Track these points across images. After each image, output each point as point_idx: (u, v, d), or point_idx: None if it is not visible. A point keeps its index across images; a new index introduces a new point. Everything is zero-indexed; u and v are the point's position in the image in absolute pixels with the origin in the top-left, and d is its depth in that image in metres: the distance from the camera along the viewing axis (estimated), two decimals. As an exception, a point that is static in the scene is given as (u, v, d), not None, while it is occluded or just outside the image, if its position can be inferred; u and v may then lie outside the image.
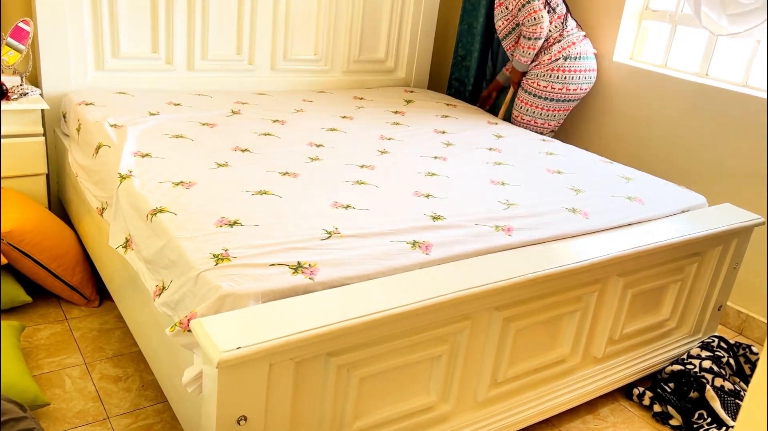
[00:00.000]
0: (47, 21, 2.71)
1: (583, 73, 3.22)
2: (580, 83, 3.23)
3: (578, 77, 3.21)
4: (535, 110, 3.30)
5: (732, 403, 2.19)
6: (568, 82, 3.21)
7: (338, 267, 1.63)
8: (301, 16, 3.36)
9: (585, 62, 3.22)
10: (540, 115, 3.31)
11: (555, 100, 3.25)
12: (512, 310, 1.81)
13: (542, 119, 3.32)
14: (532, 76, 3.28)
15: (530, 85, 3.29)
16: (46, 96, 2.82)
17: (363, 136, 2.70)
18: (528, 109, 3.32)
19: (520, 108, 3.35)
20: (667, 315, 2.36)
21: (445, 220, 1.95)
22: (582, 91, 3.26)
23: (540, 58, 3.25)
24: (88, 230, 2.53)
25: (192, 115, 2.69)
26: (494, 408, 1.94)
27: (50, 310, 2.50)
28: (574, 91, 3.24)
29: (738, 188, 2.85)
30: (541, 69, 3.24)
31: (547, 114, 3.30)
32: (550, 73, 3.21)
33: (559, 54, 3.19)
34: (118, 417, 2.00)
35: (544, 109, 3.28)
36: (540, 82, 3.24)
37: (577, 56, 3.19)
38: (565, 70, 3.19)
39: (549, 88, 3.22)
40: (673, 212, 2.34)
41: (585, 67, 3.22)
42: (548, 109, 3.28)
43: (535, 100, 3.27)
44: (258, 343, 1.32)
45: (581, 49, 3.21)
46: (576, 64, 3.19)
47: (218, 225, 1.75)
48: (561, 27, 3.20)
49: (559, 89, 3.22)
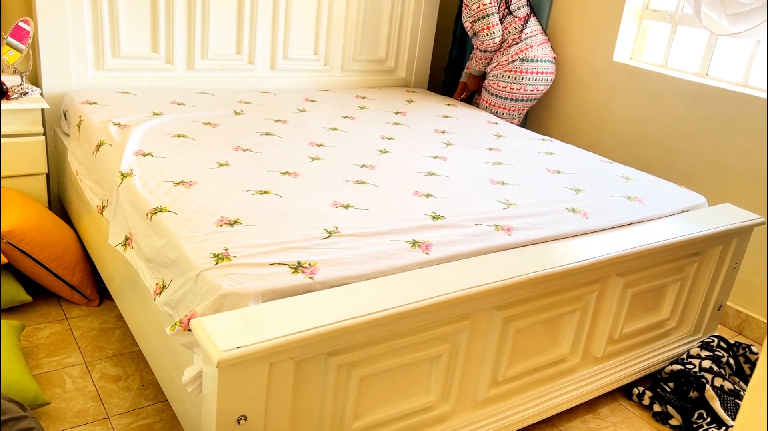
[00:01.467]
0: (47, 20, 2.72)
1: (539, 75, 3.35)
2: (536, 84, 3.36)
3: (534, 78, 3.34)
4: (498, 110, 3.44)
5: (732, 403, 2.20)
6: (525, 83, 3.34)
7: (338, 267, 1.63)
8: (301, 15, 3.36)
9: (541, 65, 3.34)
10: (504, 114, 3.45)
11: (514, 99, 3.39)
12: (512, 310, 1.81)
13: (506, 118, 3.46)
14: (493, 77, 3.42)
15: (491, 86, 3.43)
16: (47, 95, 2.82)
17: (363, 136, 2.71)
18: (492, 109, 3.47)
19: (486, 108, 3.50)
20: (666, 315, 2.36)
21: (445, 220, 1.95)
22: (539, 91, 3.40)
23: (499, 58, 3.38)
24: (88, 230, 2.53)
25: (195, 115, 2.70)
26: (494, 408, 1.94)
27: (50, 310, 2.50)
28: (531, 92, 3.38)
29: (738, 188, 2.85)
30: (500, 70, 3.38)
31: (508, 113, 3.45)
32: (508, 74, 3.34)
33: (516, 56, 3.31)
34: (118, 417, 2.00)
35: (505, 108, 3.42)
36: (499, 82, 3.38)
37: (534, 59, 3.32)
38: (521, 71, 3.32)
39: (508, 88, 3.36)
40: (673, 212, 2.34)
41: (541, 70, 3.34)
42: (509, 109, 3.43)
43: (497, 100, 3.42)
44: (258, 343, 1.32)
45: (538, 53, 3.33)
46: (532, 65, 3.32)
47: (218, 224, 1.75)
48: (520, 29, 3.32)
49: (517, 89, 3.35)
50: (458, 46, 3.91)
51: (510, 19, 3.32)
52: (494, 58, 3.41)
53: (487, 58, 3.42)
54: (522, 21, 3.32)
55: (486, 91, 3.48)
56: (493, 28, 3.28)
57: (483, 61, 3.45)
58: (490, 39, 3.29)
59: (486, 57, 3.42)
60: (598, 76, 3.37)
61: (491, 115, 3.37)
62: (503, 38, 3.34)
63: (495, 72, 3.41)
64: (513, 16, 3.32)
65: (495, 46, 3.32)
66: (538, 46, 3.33)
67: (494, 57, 3.41)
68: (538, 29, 3.38)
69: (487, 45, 3.33)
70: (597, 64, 3.36)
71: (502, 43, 3.35)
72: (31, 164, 2.66)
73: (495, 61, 3.40)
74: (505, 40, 3.34)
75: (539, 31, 3.38)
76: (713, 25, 2.81)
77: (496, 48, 3.34)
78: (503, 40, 3.34)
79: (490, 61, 3.44)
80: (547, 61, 3.35)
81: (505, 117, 3.46)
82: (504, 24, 3.33)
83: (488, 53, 3.38)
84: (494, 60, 3.41)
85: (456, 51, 3.93)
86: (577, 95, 3.47)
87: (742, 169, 2.83)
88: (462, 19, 3.43)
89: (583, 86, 3.42)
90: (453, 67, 3.98)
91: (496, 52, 3.39)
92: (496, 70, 3.40)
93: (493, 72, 3.43)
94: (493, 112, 3.46)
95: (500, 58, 3.37)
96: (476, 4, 3.27)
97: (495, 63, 3.40)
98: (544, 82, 3.38)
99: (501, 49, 3.37)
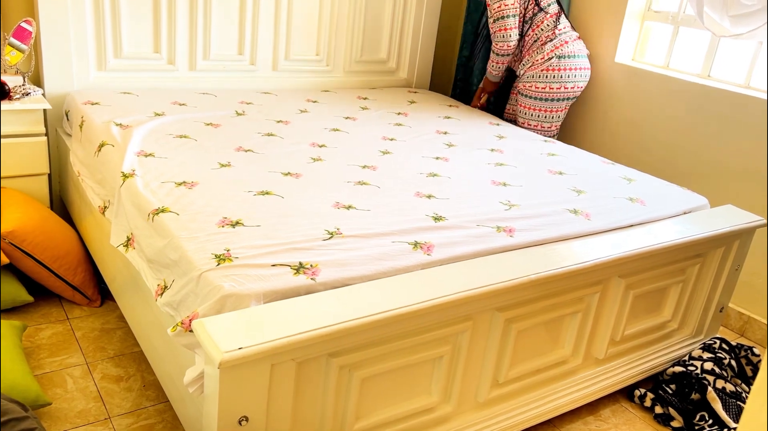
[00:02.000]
0: (50, 21, 2.72)
1: (578, 71, 3.20)
2: (576, 81, 3.22)
3: (573, 75, 3.20)
4: (539, 113, 3.27)
5: (734, 405, 2.19)
6: (564, 80, 3.19)
7: (340, 268, 1.63)
8: (303, 16, 3.36)
9: (579, 60, 3.20)
10: (544, 117, 3.28)
11: (554, 99, 3.23)
12: (514, 311, 1.81)
13: (547, 122, 3.30)
14: (528, 78, 3.25)
15: (527, 89, 3.26)
16: (49, 96, 2.82)
17: (365, 137, 2.71)
18: (532, 113, 3.29)
19: (524, 114, 3.32)
20: (668, 317, 2.36)
21: (447, 221, 1.95)
22: (578, 89, 3.25)
23: (533, 58, 3.22)
24: (89, 230, 2.53)
25: (197, 115, 2.70)
26: (496, 409, 1.94)
27: (52, 310, 2.50)
28: (571, 89, 3.23)
29: (740, 189, 2.84)
30: (535, 70, 3.22)
31: (550, 116, 3.28)
32: (545, 73, 3.19)
33: (552, 53, 3.17)
34: (120, 417, 2.00)
35: (546, 110, 3.26)
36: (537, 83, 3.22)
37: (570, 54, 3.18)
38: (559, 69, 3.17)
39: (547, 88, 3.20)
40: (674, 213, 2.34)
41: (579, 65, 3.20)
42: (550, 110, 3.26)
43: (537, 102, 3.25)
44: (259, 344, 1.32)
45: (574, 48, 3.19)
46: (570, 62, 3.18)
47: (220, 225, 1.75)
48: (553, 25, 3.18)
49: (557, 89, 3.20)
50: (468, 47, 3.88)
51: (542, 16, 3.17)
52: (527, 59, 3.25)
53: (503, 62, 3.28)
54: (554, 17, 3.18)
55: (522, 95, 3.30)
56: (510, 31, 3.15)
57: (499, 65, 3.30)
58: (504, 42, 3.18)
59: (501, 61, 3.28)
60: (600, 77, 3.37)
61: (493, 116, 3.36)
62: (536, 36, 3.21)
63: (530, 73, 3.23)
64: (544, 13, 3.17)
65: (509, 50, 3.20)
66: (573, 41, 3.19)
67: (527, 57, 3.25)
68: (569, 25, 3.25)
69: (500, 48, 3.21)
70: (599, 65, 3.36)
71: (534, 42, 3.22)
72: (33, 164, 2.66)
73: (529, 61, 3.24)
74: (538, 39, 3.19)
75: (570, 27, 3.25)
76: (715, 26, 2.80)
77: (510, 52, 3.22)
78: (536, 38, 3.20)
79: (506, 65, 3.31)
80: (583, 57, 3.22)
81: (546, 120, 3.28)
82: (536, 22, 3.19)
83: (503, 57, 3.25)
84: (527, 60, 3.25)
85: (467, 51, 3.90)
86: (579, 96, 3.46)
87: (743, 170, 2.82)
88: (487, 19, 3.31)
89: (586, 87, 3.42)
90: (464, 68, 3.96)
91: (531, 50, 3.23)
92: (531, 71, 3.23)
93: (527, 73, 3.25)
94: (533, 116, 3.28)
95: (535, 57, 3.21)
96: (497, 4, 3.16)
97: (529, 63, 3.24)
98: (583, 78, 3.23)
99: (534, 48, 3.22)
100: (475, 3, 3.79)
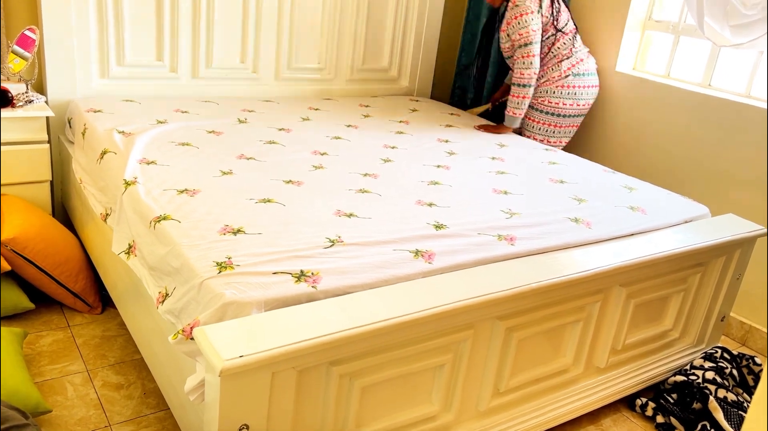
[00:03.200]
0: (53, 29, 2.73)
1: (589, 89, 3.25)
2: (587, 98, 3.26)
3: (586, 93, 3.23)
4: (548, 128, 3.27)
5: (735, 414, 2.19)
6: (578, 98, 3.22)
7: (341, 276, 1.63)
8: (305, 25, 3.37)
9: (591, 78, 3.25)
10: (554, 132, 3.29)
11: (566, 116, 3.25)
12: (515, 320, 1.81)
13: (556, 137, 3.31)
14: (542, 93, 3.26)
15: (540, 103, 3.26)
16: (51, 103, 2.83)
17: (367, 145, 2.71)
18: (541, 128, 3.29)
19: (533, 128, 3.32)
20: (669, 326, 2.36)
21: (448, 229, 1.95)
22: (588, 106, 3.29)
23: (549, 74, 3.23)
24: (91, 237, 2.54)
25: (199, 123, 2.71)
26: (496, 418, 1.93)
27: (53, 317, 2.50)
28: (582, 107, 3.26)
29: (741, 198, 2.85)
30: (550, 85, 3.23)
31: (560, 131, 3.29)
32: (560, 89, 3.20)
33: (569, 70, 3.19)
34: (120, 425, 2.00)
35: (556, 126, 3.27)
36: (551, 98, 3.23)
37: (585, 72, 3.22)
38: (574, 86, 3.20)
39: (561, 104, 3.22)
40: (675, 222, 2.34)
41: (591, 83, 3.25)
42: (560, 126, 3.28)
43: (548, 117, 3.25)
44: (260, 352, 1.32)
45: (588, 66, 3.24)
46: (583, 80, 3.22)
47: (222, 233, 1.75)
48: (570, 44, 3.20)
49: (570, 105, 3.22)
50: (466, 55, 3.90)
51: (559, 34, 3.17)
52: (542, 74, 3.23)
53: (526, 97, 3.18)
54: (570, 36, 3.18)
55: (534, 109, 3.28)
56: (533, 58, 3.09)
57: (523, 102, 3.18)
58: (528, 69, 3.10)
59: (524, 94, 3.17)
60: (601, 86, 3.38)
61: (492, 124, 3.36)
62: (552, 54, 3.18)
63: (544, 87, 3.23)
64: (561, 33, 3.17)
65: (532, 80, 3.12)
66: (587, 59, 3.23)
67: (541, 72, 3.23)
68: (581, 43, 3.27)
69: (524, 76, 3.12)
70: (600, 75, 3.37)
71: (551, 59, 3.19)
72: (35, 172, 2.67)
73: (543, 76, 3.23)
74: (555, 56, 3.19)
75: (583, 44, 3.28)
76: (716, 36, 2.81)
77: (533, 83, 3.14)
78: (553, 56, 3.19)
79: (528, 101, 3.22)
80: (594, 74, 3.25)
81: (554, 136, 3.28)
82: (552, 40, 3.17)
83: (525, 89, 3.14)
84: (542, 75, 3.23)
85: (465, 59, 3.92)
86: (580, 105, 3.47)
87: (744, 179, 2.82)
88: (500, 41, 3.26)
89: (586, 96, 3.42)
90: (462, 75, 3.97)
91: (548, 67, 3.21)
92: (545, 86, 3.22)
93: (541, 88, 3.24)
94: (540, 131, 3.27)
95: (551, 73, 3.21)
96: (523, 30, 3.07)
97: (544, 78, 3.22)
98: (593, 95, 3.26)
99: (550, 64, 3.20)
100: (475, 12, 3.80)
